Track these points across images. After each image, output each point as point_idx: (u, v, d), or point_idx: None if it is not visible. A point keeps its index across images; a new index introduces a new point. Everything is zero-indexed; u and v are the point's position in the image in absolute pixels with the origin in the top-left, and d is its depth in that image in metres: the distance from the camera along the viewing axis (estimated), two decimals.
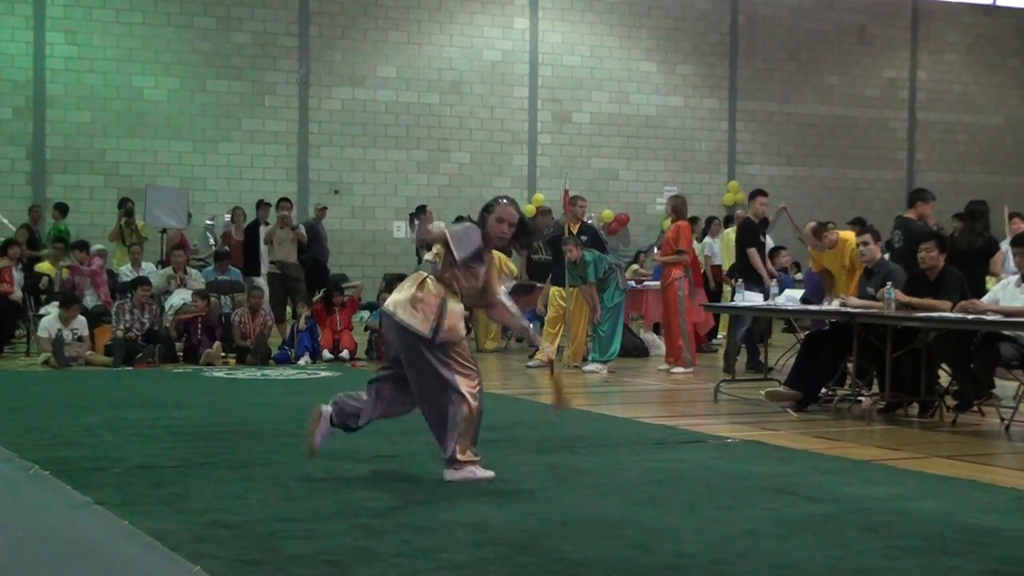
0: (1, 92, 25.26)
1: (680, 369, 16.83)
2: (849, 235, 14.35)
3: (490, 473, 8.27)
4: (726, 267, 20.72)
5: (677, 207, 17.54)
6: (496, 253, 21.30)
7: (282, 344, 18.61)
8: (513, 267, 21.89)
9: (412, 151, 28.10)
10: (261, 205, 22.24)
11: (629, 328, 19.42)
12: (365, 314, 19.99)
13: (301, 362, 17.78)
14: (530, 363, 17.82)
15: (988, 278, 13.94)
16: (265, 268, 21.02)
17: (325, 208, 24.46)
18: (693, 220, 19.83)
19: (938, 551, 6.46)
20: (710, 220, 23.36)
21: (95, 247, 21.20)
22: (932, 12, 33.07)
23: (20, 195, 25.05)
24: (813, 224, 14.97)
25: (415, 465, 8.98)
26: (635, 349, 19.39)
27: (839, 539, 6.71)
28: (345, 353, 18.40)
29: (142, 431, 10.57)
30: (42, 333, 17.70)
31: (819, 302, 13.50)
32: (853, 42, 32.18)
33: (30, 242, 22.06)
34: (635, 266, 22.70)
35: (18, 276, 19.84)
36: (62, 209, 22.97)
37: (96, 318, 18.24)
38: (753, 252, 17.11)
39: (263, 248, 21.25)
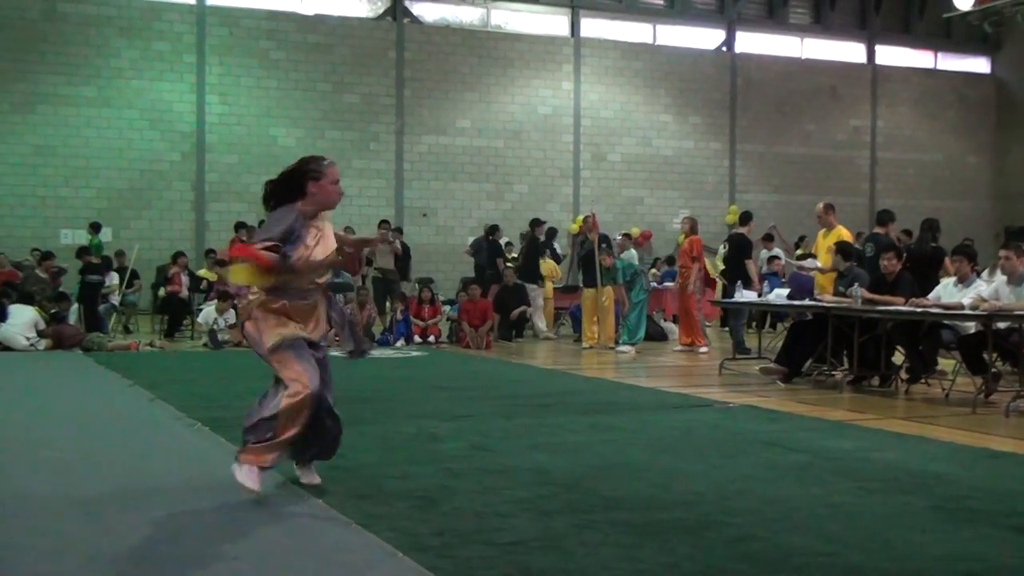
0: (172, 140, 25.50)
1: (704, 349, 16.84)
2: (844, 231, 14.35)
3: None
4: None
5: (692, 225, 17.55)
6: (549, 262, 21.27)
7: (383, 331, 18.65)
8: (558, 271, 21.90)
9: (483, 184, 28.12)
10: (537, 223, 21.13)
11: (652, 318, 19.38)
12: (447, 308, 19.99)
13: (398, 344, 17.81)
14: (584, 346, 17.78)
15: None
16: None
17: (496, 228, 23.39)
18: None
19: (894, 490, 6.39)
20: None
21: None
22: (888, 75, 32.77)
23: (186, 218, 25.30)
24: (824, 203, 14.91)
25: (486, 423, 8.98)
26: (657, 334, 19.31)
27: (817, 481, 6.65)
28: (432, 338, 18.46)
29: None
30: (201, 321, 17.95)
31: (802, 299, 13.45)
32: (827, 98, 31.95)
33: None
34: (653, 270, 22.63)
35: (185, 279, 20.10)
36: (95, 227, 22.85)
37: None
38: (750, 263, 17.09)
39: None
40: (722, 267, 19.22)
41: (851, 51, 32.68)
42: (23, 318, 16.67)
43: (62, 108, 24.61)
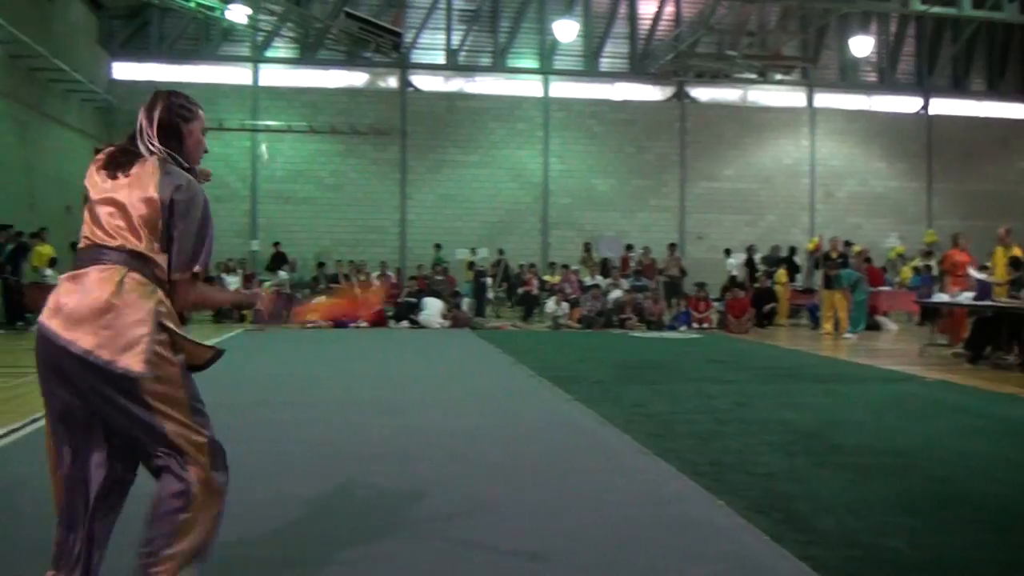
0: (527, 189, 26.33)
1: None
2: (1017, 249, 13.23)
3: None
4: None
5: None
6: (781, 271, 20.40)
7: (672, 319, 18.65)
8: (785, 276, 20.88)
9: (742, 215, 27.47)
10: (858, 252, 19.14)
11: (870, 314, 18.40)
12: (716, 303, 19.71)
13: (681, 329, 17.76)
14: (822, 332, 16.97)
15: None
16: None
17: (752, 247, 23.47)
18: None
19: None
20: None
21: (573, 267, 21.81)
22: None
23: (536, 241, 26.04)
24: (1005, 228, 13.82)
25: (745, 386, 8.88)
26: (874, 326, 18.34)
27: (990, 438, 6.33)
28: (705, 325, 18.28)
29: (595, 362, 10.89)
30: (548, 310, 18.47)
31: (984, 301, 12.51)
32: (1001, 146, 29.24)
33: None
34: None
35: (535, 281, 20.69)
36: (437, 246, 23.70)
37: (572, 303, 18.80)
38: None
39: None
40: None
41: (1023, 110, 29.81)
42: (435, 308, 17.76)
43: (458, 169, 25.96)
